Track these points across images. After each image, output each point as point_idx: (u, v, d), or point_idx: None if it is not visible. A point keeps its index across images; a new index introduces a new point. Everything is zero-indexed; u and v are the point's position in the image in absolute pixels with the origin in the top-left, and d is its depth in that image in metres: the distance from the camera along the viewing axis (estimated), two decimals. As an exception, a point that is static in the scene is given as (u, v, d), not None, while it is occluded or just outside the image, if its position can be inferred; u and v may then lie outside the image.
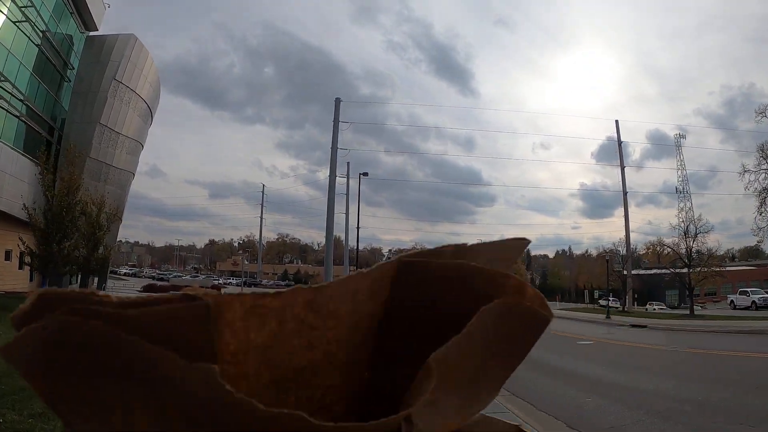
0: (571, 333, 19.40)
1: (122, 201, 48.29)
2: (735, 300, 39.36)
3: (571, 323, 26.36)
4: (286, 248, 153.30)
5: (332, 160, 45.55)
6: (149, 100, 48.87)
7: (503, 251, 0.33)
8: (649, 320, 25.98)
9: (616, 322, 26.86)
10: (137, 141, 48.02)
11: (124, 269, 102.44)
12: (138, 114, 46.82)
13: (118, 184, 45.05)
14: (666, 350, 14.29)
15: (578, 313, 36.38)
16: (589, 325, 25.74)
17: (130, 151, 46.36)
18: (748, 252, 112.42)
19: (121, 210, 47.68)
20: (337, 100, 49.54)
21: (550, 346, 14.96)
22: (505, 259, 0.33)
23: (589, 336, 18.24)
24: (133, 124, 45.74)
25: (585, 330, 21.87)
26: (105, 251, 29.71)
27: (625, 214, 49.01)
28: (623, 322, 26.52)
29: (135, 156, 49.36)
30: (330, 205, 45.22)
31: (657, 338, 17.81)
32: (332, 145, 47.35)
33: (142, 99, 46.78)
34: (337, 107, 49.26)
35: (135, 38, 44.67)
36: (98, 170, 41.51)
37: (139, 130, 48.40)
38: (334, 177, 46.03)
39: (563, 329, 21.92)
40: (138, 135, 48.28)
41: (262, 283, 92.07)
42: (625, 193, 50.45)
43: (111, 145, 42.74)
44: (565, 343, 15.84)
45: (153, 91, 49.80)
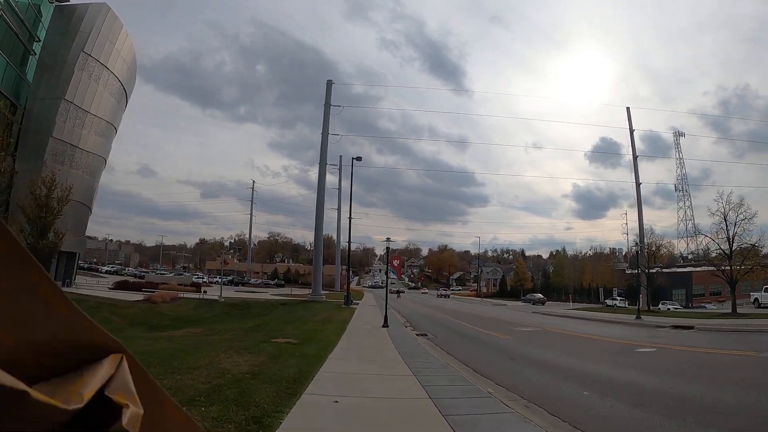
0: (617, 338, 15.94)
1: (92, 189, 44.15)
2: (760, 298, 35.98)
3: (600, 326, 22.87)
4: (278, 247, 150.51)
5: (323, 145, 41.98)
6: (124, 78, 44.79)
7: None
8: (692, 320, 22.49)
9: (651, 323, 23.34)
10: (109, 123, 43.89)
11: (107, 267, 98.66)
12: (110, 93, 42.72)
13: (86, 169, 40.91)
14: (760, 357, 10.71)
15: (595, 314, 32.95)
16: (622, 327, 22.27)
17: (100, 133, 42.26)
18: (742, 253, 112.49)
19: (89, 198, 43.67)
20: (328, 82, 46.00)
21: (603, 356, 11.35)
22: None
23: (638, 341, 14.68)
24: (104, 103, 41.64)
25: (624, 333, 18.43)
26: (55, 238, 25.65)
27: (638, 208, 45.74)
28: (659, 323, 23.01)
29: (107, 140, 45.21)
30: (320, 194, 41.57)
31: (727, 342, 14.37)
32: (323, 130, 43.83)
33: (115, 76, 42.69)
34: (328, 90, 45.68)
35: (108, 8, 40.45)
36: (62, 152, 37.33)
37: (112, 111, 44.31)
38: (325, 164, 42.43)
39: (603, 333, 18.31)
40: (111, 117, 44.15)
41: (250, 282, 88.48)
42: (638, 185, 47.21)
43: (78, 125, 38.60)
44: (620, 351, 12.41)
45: (128, 70, 45.72)
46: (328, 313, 24.26)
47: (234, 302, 35.26)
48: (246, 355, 9.26)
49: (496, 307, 45.87)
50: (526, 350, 12.87)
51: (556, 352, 12.52)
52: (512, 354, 11.98)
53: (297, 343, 11.52)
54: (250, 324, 18.96)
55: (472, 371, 8.90)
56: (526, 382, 8.09)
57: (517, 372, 9.33)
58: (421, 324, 22.17)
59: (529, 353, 12.19)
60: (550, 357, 11.43)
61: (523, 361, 10.74)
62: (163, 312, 28.61)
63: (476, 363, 10.06)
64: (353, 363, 8.88)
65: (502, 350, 12.89)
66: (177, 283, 46.40)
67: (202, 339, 13.91)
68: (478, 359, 10.86)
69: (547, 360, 10.92)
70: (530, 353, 12.19)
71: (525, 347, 13.56)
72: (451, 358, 10.84)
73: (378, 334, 15.50)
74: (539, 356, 11.59)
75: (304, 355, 9.29)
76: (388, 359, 9.61)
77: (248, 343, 11.73)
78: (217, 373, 7.06)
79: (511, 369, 9.71)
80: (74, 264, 42.40)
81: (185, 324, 25.27)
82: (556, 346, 13.86)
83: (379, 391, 6.62)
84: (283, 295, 48.38)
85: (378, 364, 8.91)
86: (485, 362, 10.39)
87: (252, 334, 14.61)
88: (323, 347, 10.65)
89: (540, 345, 14.27)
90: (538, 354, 12.08)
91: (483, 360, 10.80)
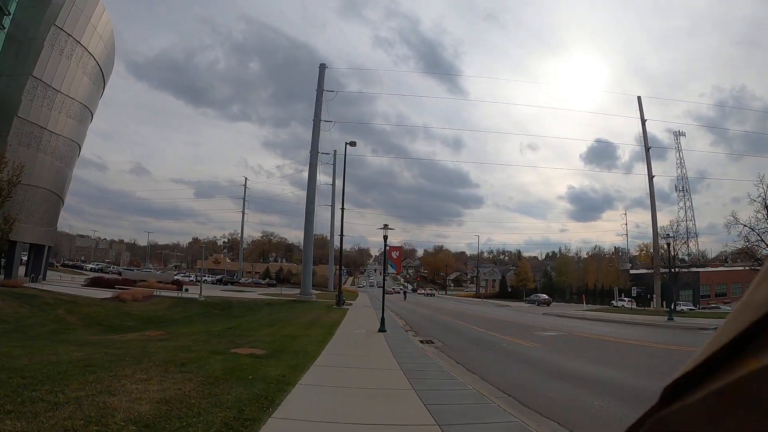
0: (670, 344, 13.05)
1: (64, 177, 40.63)
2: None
3: (633, 329, 19.89)
4: (271, 247, 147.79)
5: (314, 132, 38.76)
6: (101, 59, 41.31)
7: None
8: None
9: (688, 324, 20.44)
10: (84, 105, 40.38)
11: (91, 265, 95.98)
12: (85, 73, 39.23)
13: (57, 154, 37.41)
14: None
15: (614, 315, 30.10)
16: (662, 330, 19.46)
17: (73, 115, 38.75)
18: (741, 253, 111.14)
19: (60, 186, 40.16)
20: (321, 66, 42.75)
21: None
22: None
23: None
24: (77, 83, 38.14)
25: (673, 338, 15.53)
26: (4, 224, 22.31)
27: (651, 201, 42.87)
28: (696, 324, 20.16)
29: (82, 124, 41.69)
30: (311, 185, 38.37)
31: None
32: (315, 117, 40.64)
33: (91, 56, 39.22)
34: (321, 74, 42.42)
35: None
36: (29, 134, 33.86)
37: (87, 93, 40.80)
38: (317, 153, 39.18)
39: (646, 337, 15.34)
40: (86, 99, 40.63)
41: (241, 281, 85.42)
42: (650, 178, 44.31)
43: (47, 105, 35.10)
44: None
45: (106, 51, 42.22)
46: (316, 314, 21.07)
47: (215, 301, 31.98)
48: (175, 376, 6.13)
49: (500, 308, 42.83)
50: (567, 363, 9.80)
51: (609, 364, 9.47)
52: (554, 369, 8.89)
53: (262, 355, 8.37)
54: (219, 327, 15.75)
55: (523, 406, 5.77)
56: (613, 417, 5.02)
57: (587, 403, 6.22)
58: (423, 327, 19.04)
59: (573, 367, 9.11)
60: (610, 374, 8.36)
61: (578, 381, 7.64)
62: (129, 311, 25.30)
63: (518, 388, 6.96)
64: (333, 396, 5.71)
65: (536, 363, 9.80)
66: (157, 280, 42.97)
67: (147, 346, 10.70)
68: (515, 379, 7.77)
69: (611, 379, 7.85)
70: (575, 367, 9.11)
71: (562, 358, 10.49)
72: (476, 379, 7.74)
73: (373, 341, 12.37)
74: (592, 372, 8.53)
75: (262, 378, 6.13)
76: (390, 386, 6.45)
77: (198, 353, 8.58)
78: (84, 418, 3.91)
79: (574, 397, 6.61)
80: (43, 257, 38.88)
81: (149, 325, 21.99)
82: (603, 357, 10.80)
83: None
84: (271, 295, 45.20)
85: (374, 396, 5.72)
86: (528, 385, 7.30)
87: (212, 341, 11.44)
88: (295, 364, 7.50)
89: (579, 354, 11.20)
90: (588, 368, 9.02)
91: (522, 380, 7.71)
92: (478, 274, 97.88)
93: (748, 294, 0.32)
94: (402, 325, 19.19)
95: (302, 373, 6.71)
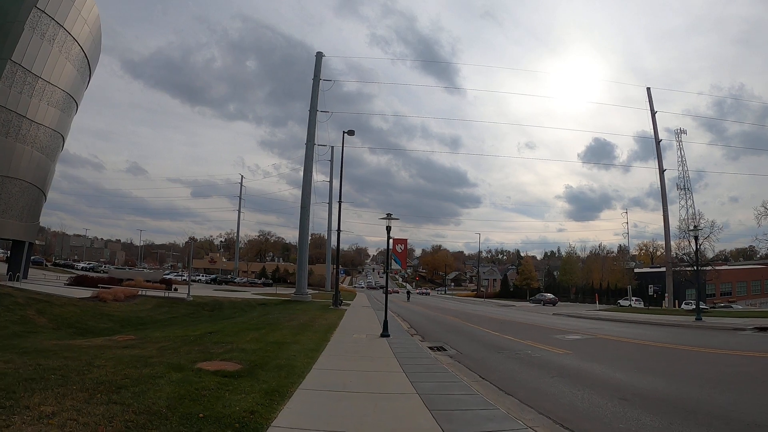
0: (720, 348, 11.31)
1: (46, 170, 38.47)
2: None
3: (663, 330, 18.04)
4: (268, 246, 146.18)
5: (311, 122, 36.73)
6: (86, 46, 39.15)
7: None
8: (760, 321, 17.84)
9: (719, 324, 18.74)
10: (68, 95, 38.26)
11: (83, 264, 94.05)
12: (70, 60, 37.07)
13: (38, 145, 35.24)
14: None
15: (631, 314, 28.31)
16: (694, 331, 17.92)
17: (56, 104, 36.60)
18: (740, 253, 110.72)
19: (42, 180, 37.98)
20: (318, 54, 40.75)
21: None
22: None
23: (760, 351, 10.02)
24: (60, 69, 35.96)
25: (714, 341, 13.69)
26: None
27: (662, 196, 41.04)
28: (727, 324, 18.42)
29: (65, 114, 39.48)
30: (306, 177, 36.36)
31: None
32: (311, 107, 38.63)
33: (75, 41, 37.09)
34: (318, 62, 40.45)
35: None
36: (6, 121, 31.68)
37: (72, 82, 38.64)
38: (312, 144, 37.15)
39: (685, 341, 13.54)
40: (70, 88, 38.47)
41: (236, 280, 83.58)
42: (662, 171, 42.50)
43: (26, 92, 32.93)
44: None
45: (91, 37, 40.03)
46: (310, 315, 19.10)
47: (204, 302, 29.99)
48: (94, 410, 4.23)
49: (505, 308, 40.93)
50: (618, 375, 7.89)
51: (671, 377, 7.55)
52: (609, 386, 6.97)
53: (234, 372, 6.41)
54: (199, 331, 13.77)
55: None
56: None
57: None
58: (429, 331, 17.12)
59: (631, 383, 7.19)
60: (685, 390, 6.43)
61: (653, 404, 5.72)
62: (108, 312, 23.28)
63: (584, 418, 5.04)
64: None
65: (580, 377, 7.87)
66: (145, 279, 40.83)
67: (99, 356, 8.70)
68: (571, 404, 5.84)
69: (692, 399, 5.92)
70: (633, 382, 7.19)
71: (607, 369, 8.56)
72: (518, 405, 5.81)
73: (376, 349, 10.43)
74: (662, 390, 6.59)
75: (219, 417, 4.17)
76: (409, 426, 4.46)
77: (153, 369, 6.63)
78: None
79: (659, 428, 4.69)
80: (23, 254, 36.70)
81: (127, 327, 20.01)
82: (654, 366, 8.85)
83: None
84: (266, 295, 43.28)
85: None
86: (594, 413, 5.37)
87: (182, 349, 9.49)
88: (275, 387, 5.55)
89: (623, 363, 9.25)
90: (651, 383, 7.10)
91: (581, 406, 5.79)
92: (479, 274, 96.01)
93: None
94: (406, 328, 17.25)
95: (282, 404, 4.76)
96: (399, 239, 13.96)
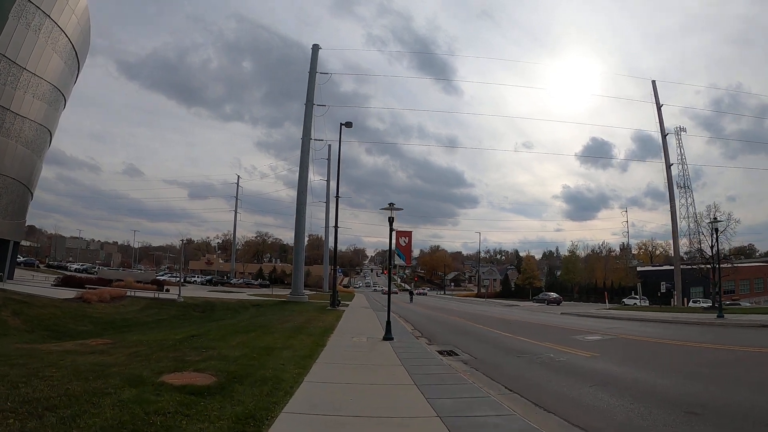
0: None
1: (32, 166, 37.03)
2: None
3: (688, 329, 16.82)
4: (266, 247, 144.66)
5: (306, 116, 35.35)
6: (74, 37, 37.70)
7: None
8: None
9: (746, 322, 17.64)
10: (56, 88, 36.84)
11: (76, 265, 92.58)
12: (57, 51, 35.60)
13: (22, 139, 33.73)
14: None
15: (643, 313, 27.18)
16: (724, 330, 16.71)
17: (42, 97, 35.13)
18: (740, 252, 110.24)
19: (27, 176, 36.51)
20: (314, 47, 39.42)
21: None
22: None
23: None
24: (46, 61, 34.48)
25: (753, 339, 12.36)
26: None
27: (669, 191, 39.91)
28: (758, 321, 17.17)
29: (53, 108, 37.99)
30: (302, 172, 35.01)
31: None
32: (307, 100, 37.29)
33: (63, 32, 35.67)
34: (314, 55, 39.12)
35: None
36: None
37: (60, 75, 37.19)
38: (308, 138, 35.78)
39: (734, 340, 12.33)
40: (58, 81, 37.02)
41: (232, 281, 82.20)
42: (668, 167, 41.44)
43: (11, 83, 31.39)
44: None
45: (79, 28, 38.61)
46: (306, 317, 17.75)
47: (195, 303, 28.59)
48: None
49: (510, 308, 39.64)
50: (656, 380, 6.59)
51: (718, 382, 6.24)
52: (664, 396, 5.69)
53: (205, 388, 5.09)
54: (182, 334, 12.45)
55: None
56: None
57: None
58: (435, 332, 15.82)
59: (686, 390, 5.91)
60: (747, 397, 5.12)
61: (728, 418, 4.42)
62: (91, 314, 21.88)
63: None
64: None
65: (621, 384, 6.59)
66: (136, 280, 39.35)
67: (56, 364, 7.39)
68: (628, 422, 4.53)
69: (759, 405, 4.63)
70: (688, 390, 5.91)
71: (650, 374, 7.28)
72: (562, 425, 4.50)
73: (378, 354, 9.13)
74: (716, 396, 5.28)
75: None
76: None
77: (106, 382, 5.32)
78: None
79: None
80: (8, 254, 35.20)
81: (109, 330, 18.65)
82: (698, 370, 7.56)
83: None
84: (261, 296, 41.88)
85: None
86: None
87: (154, 356, 8.17)
88: (252, 410, 4.25)
89: (662, 366, 7.95)
90: (701, 389, 5.80)
91: (640, 424, 4.47)
92: (479, 274, 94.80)
93: None
94: (409, 330, 15.94)
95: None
96: (402, 231, 12.67)
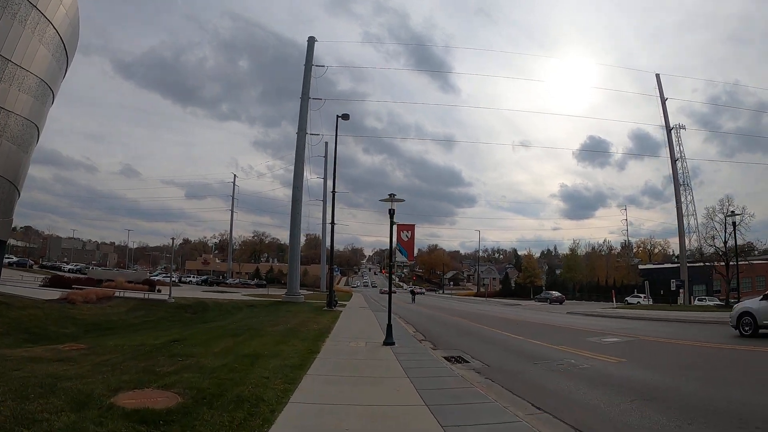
0: None
1: (18, 162, 35.81)
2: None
3: (713, 329, 15.80)
4: (263, 247, 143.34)
5: (302, 110, 34.24)
6: (63, 29, 36.50)
7: None
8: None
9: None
10: (43, 81, 35.61)
11: (70, 266, 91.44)
12: (43, 43, 34.37)
13: (7, 134, 32.49)
14: None
15: (652, 312, 26.17)
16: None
17: (29, 90, 33.83)
18: (741, 249, 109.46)
19: (14, 173, 35.26)
20: (310, 39, 38.20)
21: None
22: None
23: None
24: (33, 53, 33.24)
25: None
26: None
27: (675, 187, 38.97)
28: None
29: (40, 103, 36.69)
30: (298, 167, 33.89)
31: None
32: (302, 94, 36.16)
33: (50, 23, 34.45)
34: (310, 48, 37.93)
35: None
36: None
37: (47, 68, 35.93)
38: (304, 133, 34.61)
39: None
40: (45, 74, 35.77)
41: (228, 281, 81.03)
42: (674, 161, 40.56)
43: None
44: None
45: (68, 20, 37.42)
46: (301, 318, 16.67)
47: (187, 303, 27.49)
48: None
49: (512, 307, 38.67)
50: (704, 392, 5.55)
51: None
52: (723, 413, 4.60)
53: (165, 411, 4.03)
54: (162, 339, 11.35)
55: None
56: None
57: None
58: (439, 335, 14.78)
59: (745, 399, 4.83)
60: None
61: None
62: (75, 315, 20.76)
63: None
64: None
65: (666, 399, 5.51)
66: (127, 280, 38.21)
67: (1, 373, 6.27)
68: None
69: None
70: (747, 399, 4.83)
71: (688, 383, 6.22)
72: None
73: (379, 363, 8.06)
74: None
75: None
76: None
77: (48, 402, 4.25)
78: None
79: None
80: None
81: (93, 332, 17.56)
82: (746, 378, 6.53)
83: None
84: (256, 296, 40.82)
85: None
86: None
87: (124, 365, 7.10)
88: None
89: (702, 376, 6.92)
90: None
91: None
92: (479, 273, 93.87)
93: None
94: (411, 332, 14.89)
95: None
96: (404, 225, 11.59)
